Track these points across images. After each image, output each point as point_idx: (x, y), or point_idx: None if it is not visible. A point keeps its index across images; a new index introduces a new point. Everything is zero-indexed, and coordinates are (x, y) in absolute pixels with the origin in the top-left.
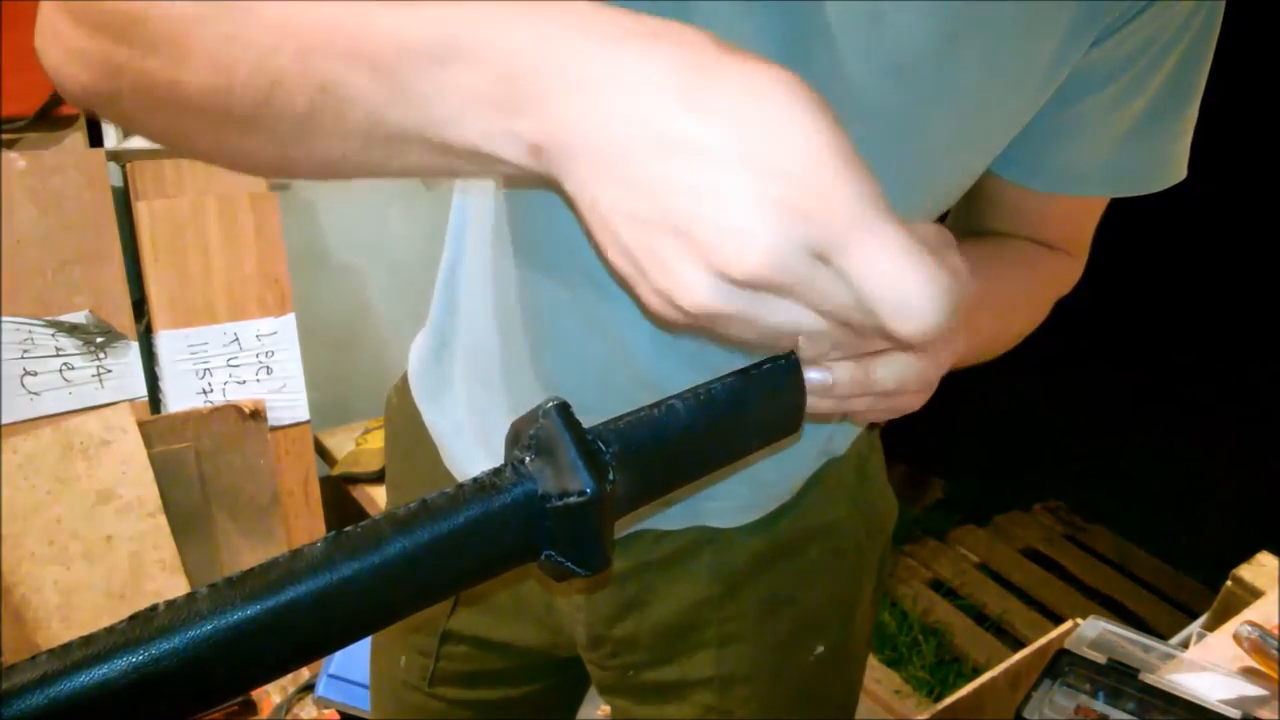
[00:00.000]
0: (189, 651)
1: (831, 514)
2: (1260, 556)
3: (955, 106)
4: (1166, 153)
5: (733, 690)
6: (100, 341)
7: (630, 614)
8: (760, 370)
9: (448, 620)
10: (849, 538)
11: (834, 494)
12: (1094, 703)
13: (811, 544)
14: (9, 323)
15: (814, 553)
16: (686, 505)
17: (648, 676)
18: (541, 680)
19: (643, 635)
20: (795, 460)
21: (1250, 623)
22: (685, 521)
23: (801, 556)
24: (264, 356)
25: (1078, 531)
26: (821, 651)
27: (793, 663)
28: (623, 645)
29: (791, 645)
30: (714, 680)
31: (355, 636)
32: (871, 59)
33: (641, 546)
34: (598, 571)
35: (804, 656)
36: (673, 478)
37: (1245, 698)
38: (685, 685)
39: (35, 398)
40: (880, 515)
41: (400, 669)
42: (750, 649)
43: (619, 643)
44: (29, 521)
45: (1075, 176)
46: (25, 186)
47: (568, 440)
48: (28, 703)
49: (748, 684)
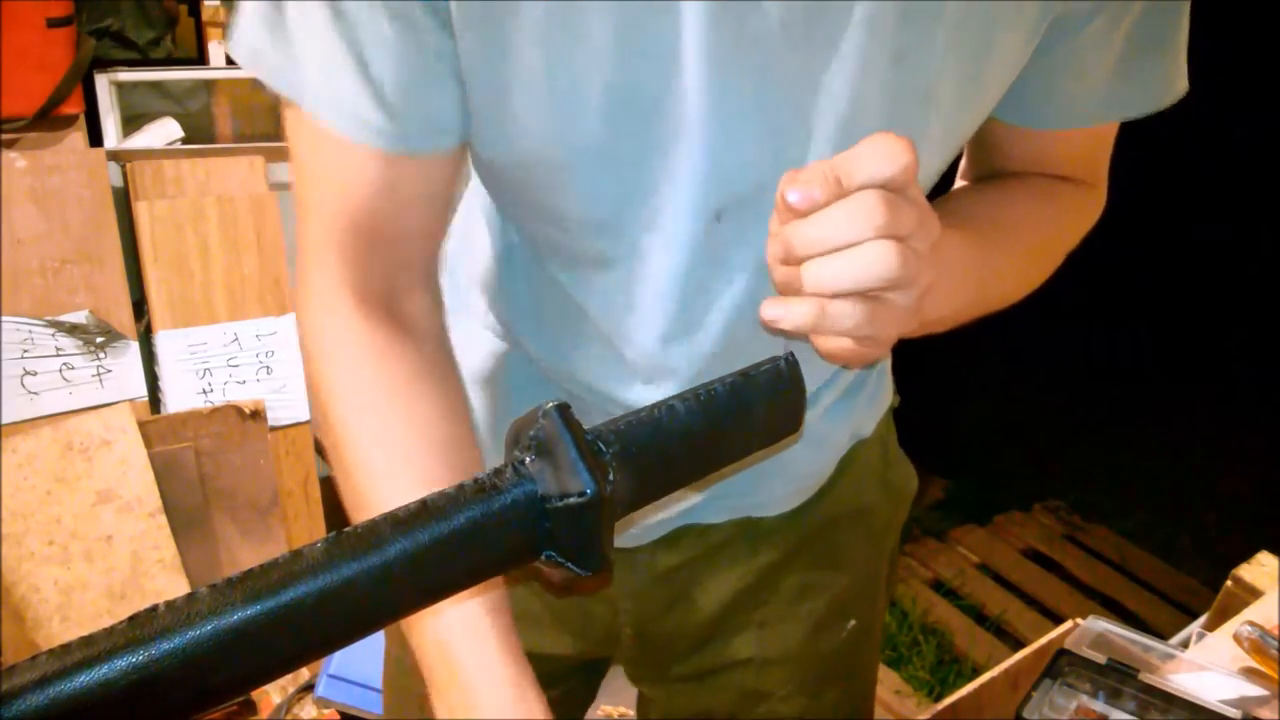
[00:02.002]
0: (189, 652)
1: (863, 497)
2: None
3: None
4: (1163, 71)
5: (771, 671)
6: (100, 341)
7: (676, 609)
8: (760, 370)
9: None
10: (879, 517)
11: (864, 477)
12: (1094, 703)
13: (845, 527)
14: (9, 323)
15: (847, 535)
16: (728, 499)
17: (686, 664)
18: (564, 684)
19: (689, 627)
20: (829, 446)
21: (1250, 623)
22: (728, 515)
23: (836, 539)
24: (264, 356)
25: (1078, 531)
26: (853, 626)
27: (828, 640)
28: (668, 639)
29: (827, 624)
30: (752, 662)
31: (355, 637)
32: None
33: (687, 542)
34: (597, 571)
35: (838, 633)
36: (673, 478)
37: (1245, 698)
38: (723, 668)
39: (35, 398)
40: (903, 490)
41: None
42: (788, 630)
43: (665, 637)
44: (29, 521)
45: (1078, 110)
46: (25, 186)
47: (568, 441)
48: (28, 703)
49: (785, 664)
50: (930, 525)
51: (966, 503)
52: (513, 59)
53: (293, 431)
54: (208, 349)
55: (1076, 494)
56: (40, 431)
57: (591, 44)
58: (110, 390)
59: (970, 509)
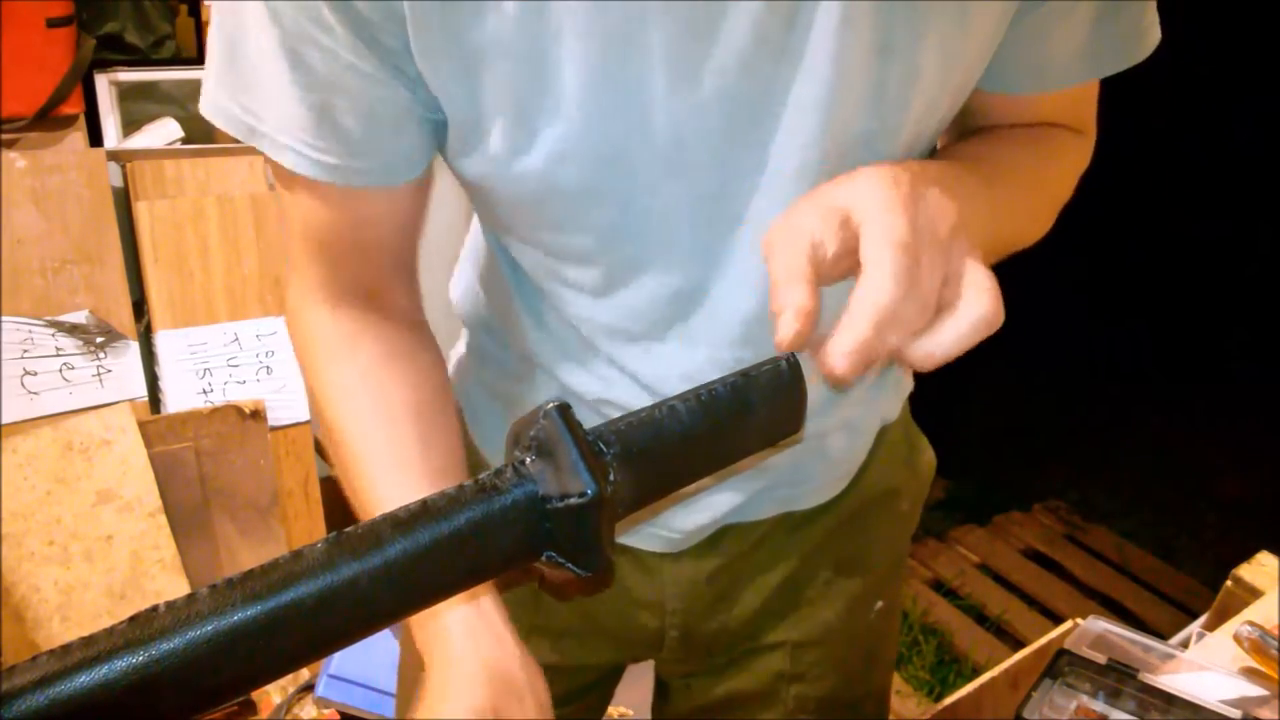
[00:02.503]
0: (189, 652)
1: (892, 480)
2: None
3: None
4: (1138, 24)
5: (805, 654)
6: (100, 341)
7: (720, 607)
8: (761, 371)
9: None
10: (906, 499)
11: (891, 460)
12: (1094, 703)
13: (876, 509)
14: (9, 323)
15: (878, 517)
16: (770, 494)
17: (724, 655)
18: (596, 690)
19: (731, 623)
20: (860, 432)
21: (1250, 623)
22: (770, 511)
23: (868, 522)
24: (264, 356)
25: (1078, 531)
26: (880, 606)
27: (858, 621)
28: (712, 637)
29: (858, 605)
30: (786, 645)
31: (356, 637)
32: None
33: (729, 543)
34: (597, 572)
35: (867, 614)
36: (674, 479)
37: (1245, 698)
38: (757, 652)
39: (35, 398)
40: (926, 470)
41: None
42: (823, 613)
43: (709, 635)
44: (29, 521)
45: (1056, 71)
46: (25, 186)
47: (568, 441)
48: (28, 703)
49: (819, 646)
50: (930, 525)
51: (966, 503)
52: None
53: (293, 431)
54: (208, 349)
55: (1076, 494)
56: (40, 431)
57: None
58: (110, 390)
59: (970, 509)
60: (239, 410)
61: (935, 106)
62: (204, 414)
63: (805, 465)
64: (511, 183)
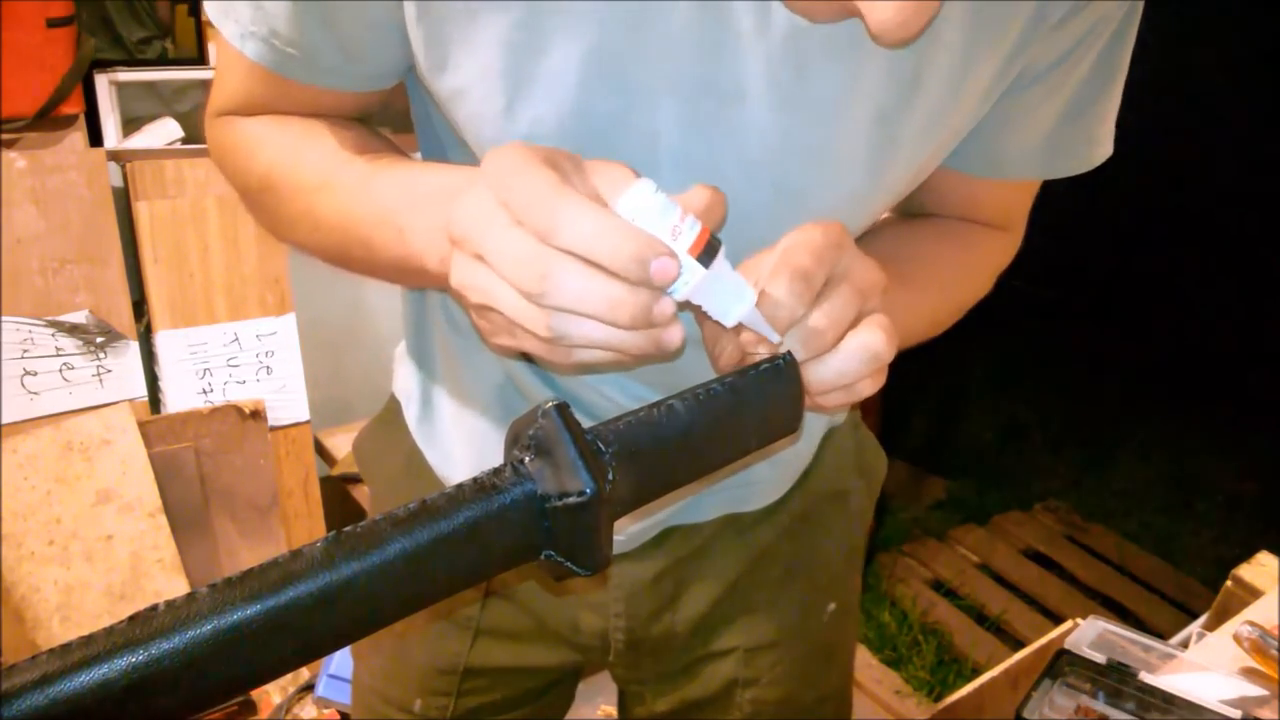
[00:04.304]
0: (189, 652)
1: (840, 482)
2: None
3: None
4: (1095, 133)
5: (758, 658)
6: (100, 341)
7: (666, 610)
8: (759, 370)
9: (468, 656)
10: (855, 499)
11: (839, 462)
12: (1094, 703)
13: (825, 511)
14: (9, 323)
15: (827, 519)
16: (715, 496)
17: (675, 661)
18: (551, 693)
19: (679, 626)
20: (807, 435)
21: (1250, 623)
22: (714, 512)
23: (817, 524)
24: (264, 356)
25: (1078, 531)
26: (833, 608)
27: (812, 623)
28: (660, 641)
29: (810, 607)
30: (738, 650)
31: (355, 636)
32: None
33: (673, 544)
34: (597, 571)
35: (820, 616)
36: (672, 477)
37: (1245, 698)
38: (710, 659)
39: (35, 398)
40: (875, 470)
41: (415, 714)
42: (773, 616)
43: (656, 640)
44: (29, 521)
45: (1010, 162)
46: (25, 186)
47: (567, 440)
48: (28, 703)
49: (771, 650)
50: (930, 525)
51: (966, 503)
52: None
53: (293, 431)
54: (208, 349)
55: (1076, 494)
56: (40, 431)
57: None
58: (110, 390)
59: (970, 509)
60: (239, 410)
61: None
62: (204, 414)
63: (750, 467)
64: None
